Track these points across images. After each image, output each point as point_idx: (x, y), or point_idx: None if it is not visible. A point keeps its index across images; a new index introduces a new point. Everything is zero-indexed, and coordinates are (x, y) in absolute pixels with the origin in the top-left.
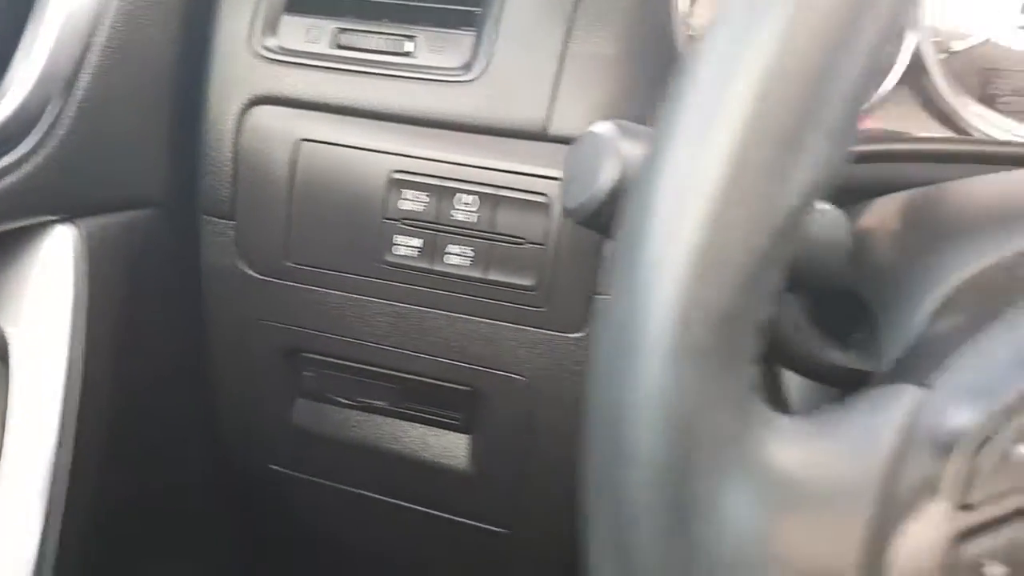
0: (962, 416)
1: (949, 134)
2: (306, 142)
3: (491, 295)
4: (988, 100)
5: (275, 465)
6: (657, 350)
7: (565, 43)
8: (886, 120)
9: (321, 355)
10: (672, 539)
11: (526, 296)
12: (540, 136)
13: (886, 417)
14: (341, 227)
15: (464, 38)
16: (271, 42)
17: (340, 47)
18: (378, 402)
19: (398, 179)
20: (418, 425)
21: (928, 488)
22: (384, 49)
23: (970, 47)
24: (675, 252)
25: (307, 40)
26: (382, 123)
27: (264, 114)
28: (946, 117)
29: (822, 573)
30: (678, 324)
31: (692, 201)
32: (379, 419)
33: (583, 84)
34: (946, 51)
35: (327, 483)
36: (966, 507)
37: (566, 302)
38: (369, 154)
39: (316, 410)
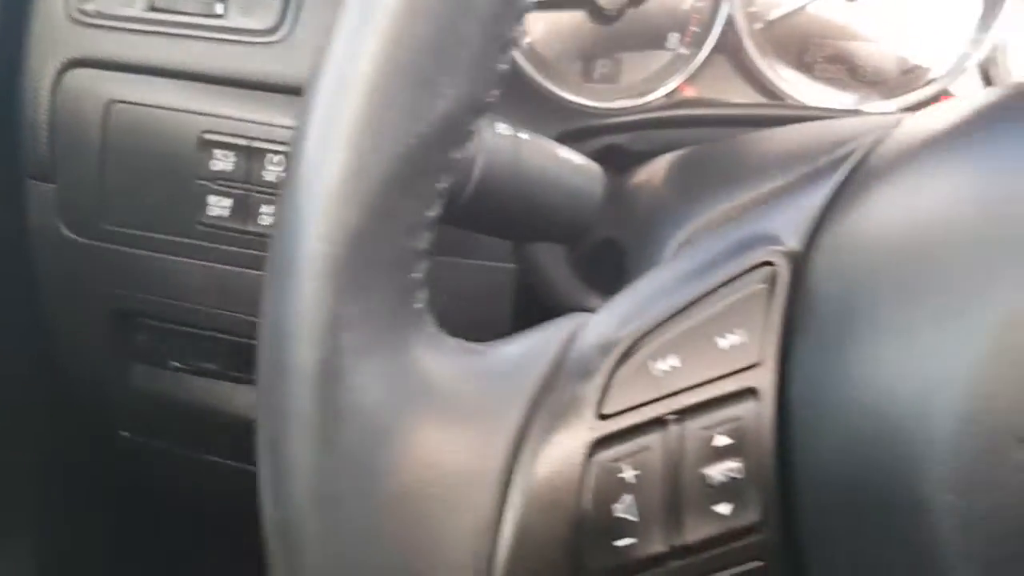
0: (607, 336)
1: (762, 100)
2: (118, 103)
3: None
4: (805, 68)
5: (124, 431)
6: (305, 267)
7: None
8: (704, 88)
9: (150, 318)
10: (319, 444)
11: None
12: None
13: (546, 340)
14: (156, 189)
15: (273, 0)
16: (88, 5)
17: (154, 9)
18: (208, 364)
19: (208, 139)
20: (249, 387)
21: (574, 402)
22: (196, 11)
23: (786, 15)
24: (318, 176)
25: (122, 3)
26: (193, 84)
27: (79, 77)
28: (761, 85)
29: (465, 480)
30: (322, 242)
31: (334, 131)
32: (212, 382)
33: None
34: (763, 20)
35: (176, 449)
36: (604, 417)
37: None
38: (180, 115)
39: (153, 374)
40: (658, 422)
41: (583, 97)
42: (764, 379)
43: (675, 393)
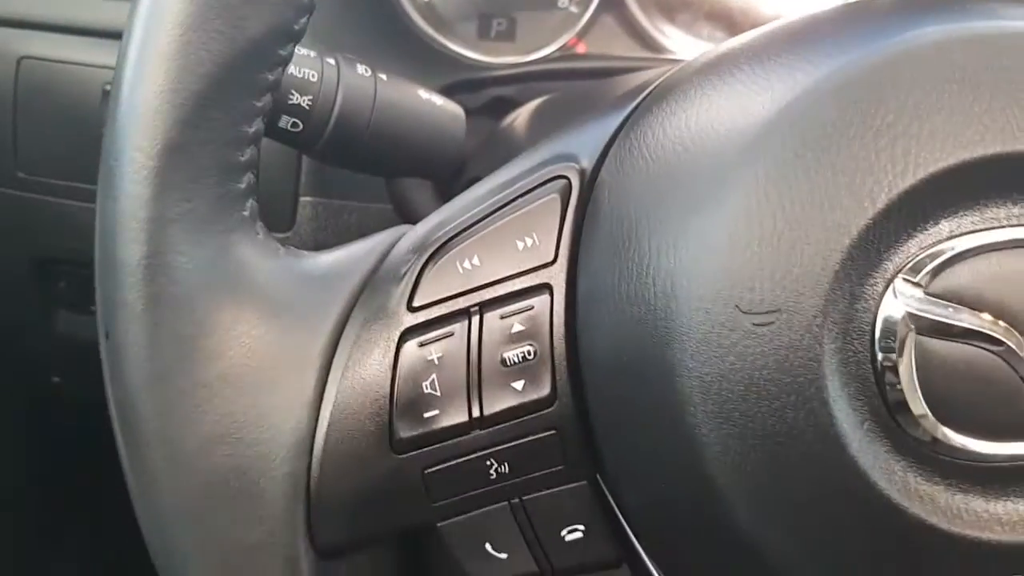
0: (419, 241)
1: (647, 55)
2: (26, 59)
3: None
4: (686, 24)
5: (56, 377)
6: (128, 173)
7: None
8: (593, 44)
9: (70, 264)
10: (147, 329)
11: None
12: None
13: (370, 246)
14: (65, 139)
15: None
16: None
17: None
18: None
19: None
20: None
21: (388, 296)
22: None
23: None
24: (136, 93)
25: None
26: (98, 40)
27: None
28: (645, 41)
29: (287, 364)
30: (141, 152)
31: (149, 53)
32: None
33: None
34: None
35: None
36: (414, 309)
37: (274, 205)
38: (85, 69)
39: (76, 320)
40: (462, 313)
41: (479, 53)
42: (557, 276)
43: (477, 288)
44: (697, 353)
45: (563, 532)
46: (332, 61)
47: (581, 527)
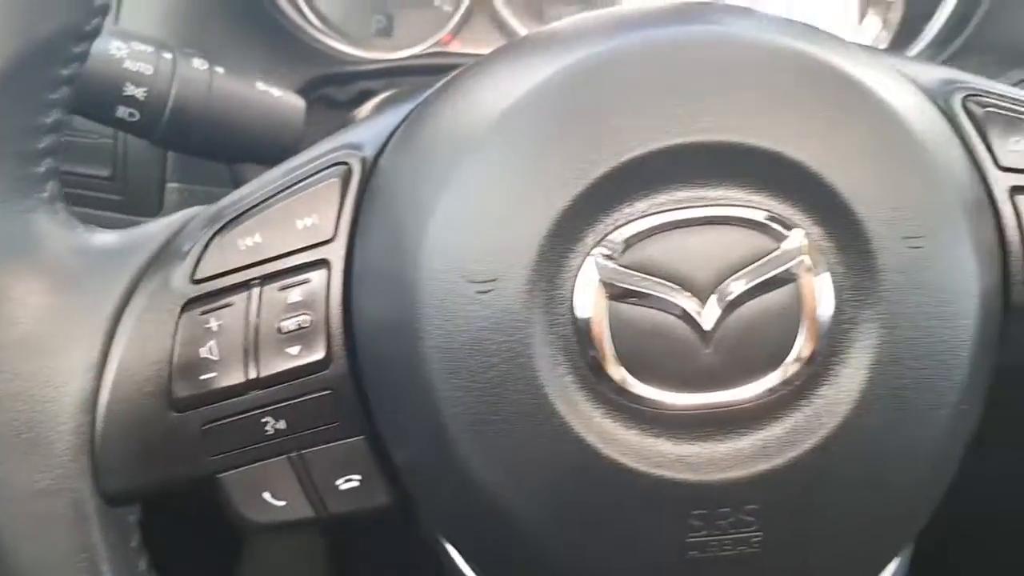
0: (206, 221)
1: None
2: None
3: (76, 185)
4: (550, 22)
5: None
6: None
7: None
8: (467, 42)
9: None
10: None
11: (104, 185)
12: None
13: (163, 224)
14: None
15: None
16: None
17: None
18: None
19: None
20: None
21: (172, 269)
22: None
23: None
24: None
25: None
26: None
27: None
28: (512, 38)
29: (75, 330)
30: None
31: None
32: None
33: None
34: None
35: None
36: (196, 282)
37: (141, 191)
38: None
39: None
40: (243, 285)
41: (357, 48)
42: (335, 252)
43: (257, 263)
44: (434, 318)
45: (339, 482)
46: (168, 55)
47: (357, 477)
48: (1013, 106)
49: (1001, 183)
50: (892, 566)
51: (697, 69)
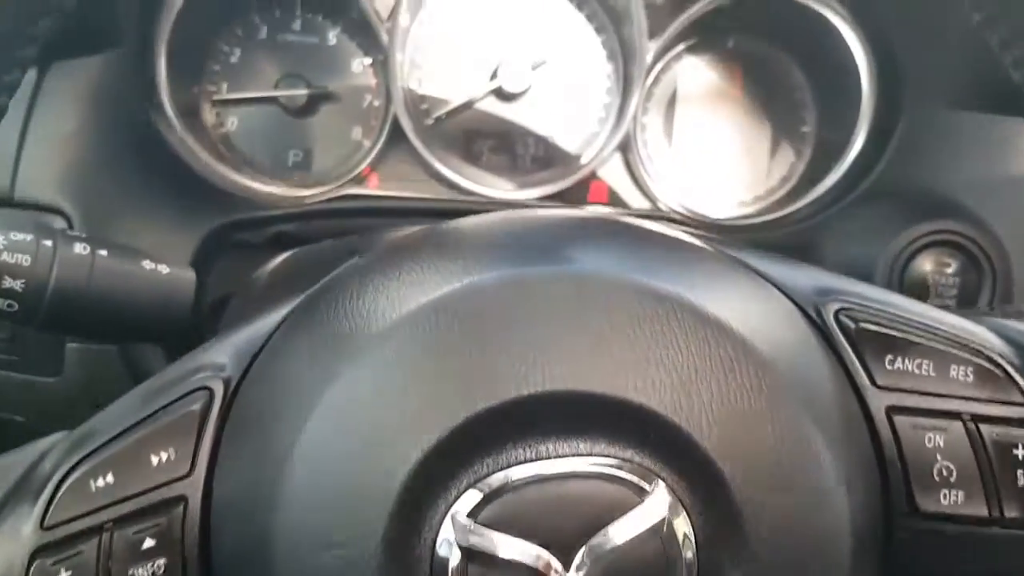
0: (58, 459)
1: (442, 192)
2: None
3: None
4: (474, 158)
5: None
6: None
7: (25, 122)
8: (386, 175)
9: None
10: None
11: (3, 347)
12: (7, 203)
13: (20, 458)
14: None
15: None
16: None
17: None
18: None
19: None
20: None
21: (22, 515)
22: None
23: (452, 111)
24: None
25: None
26: None
27: None
28: (432, 173)
29: None
30: None
31: None
32: None
33: (44, 158)
34: (433, 117)
35: None
36: (46, 528)
37: (40, 351)
38: None
39: None
40: (94, 530)
41: (275, 184)
42: (193, 487)
43: (108, 505)
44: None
45: None
46: (48, 243)
47: None
48: (887, 322)
49: (876, 402)
50: None
51: (553, 313)
